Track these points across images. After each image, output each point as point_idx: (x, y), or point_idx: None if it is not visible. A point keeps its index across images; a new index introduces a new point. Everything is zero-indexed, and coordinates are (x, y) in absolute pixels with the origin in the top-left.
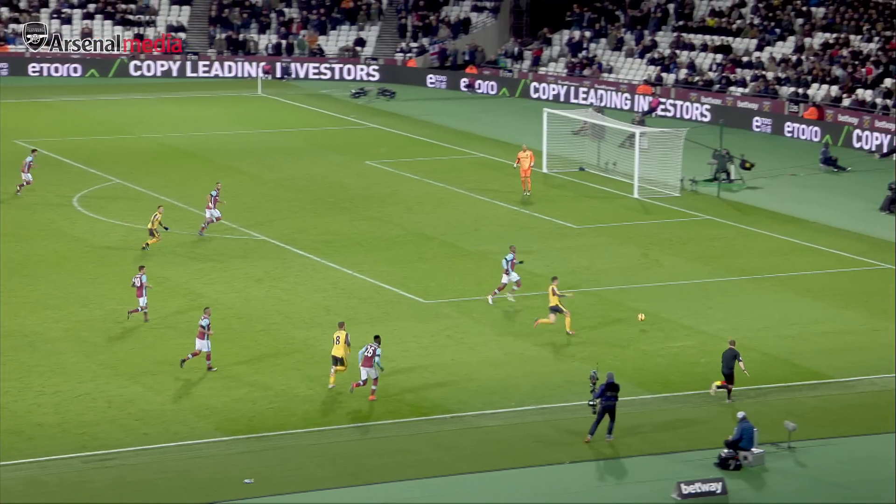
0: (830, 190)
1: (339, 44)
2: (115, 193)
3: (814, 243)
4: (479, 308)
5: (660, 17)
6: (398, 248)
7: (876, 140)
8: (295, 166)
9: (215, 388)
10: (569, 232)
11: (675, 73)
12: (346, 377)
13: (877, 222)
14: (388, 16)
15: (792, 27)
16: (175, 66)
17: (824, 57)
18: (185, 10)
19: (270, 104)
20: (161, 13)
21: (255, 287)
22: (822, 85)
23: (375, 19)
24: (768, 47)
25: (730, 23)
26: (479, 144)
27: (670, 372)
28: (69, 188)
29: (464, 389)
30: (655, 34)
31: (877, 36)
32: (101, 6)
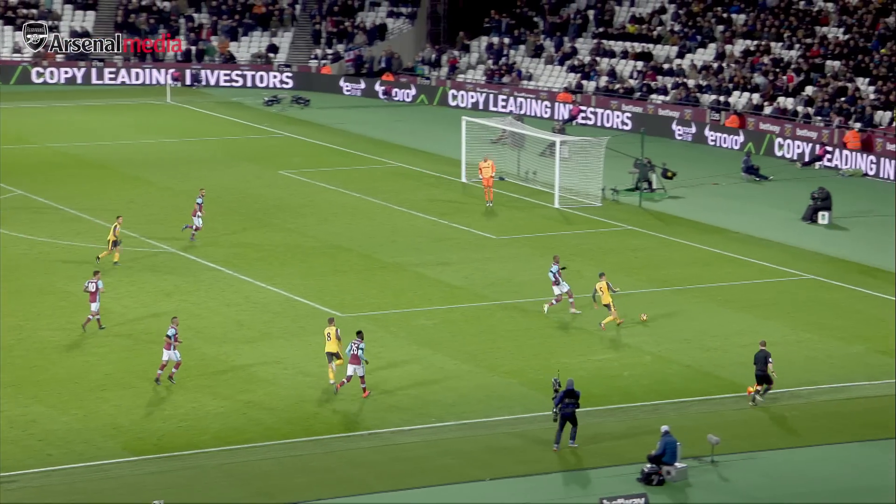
0: (752, 199)
1: (251, 50)
2: (18, 205)
3: (736, 253)
4: (398, 321)
5: (580, 23)
6: (313, 261)
7: (798, 148)
8: (206, 177)
9: (122, 406)
10: (488, 243)
11: (596, 81)
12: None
13: (799, 232)
14: (302, 21)
15: (713, 34)
16: (80, 73)
17: (745, 64)
18: (89, 15)
19: (180, 112)
20: (64, 18)
21: (165, 301)
22: (743, 93)
23: (288, 25)
24: (689, 54)
25: (650, 29)
26: (396, 154)
27: (592, 385)
28: None
29: (381, 405)
30: (575, 41)
31: (798, 43)
32: (0, 10)
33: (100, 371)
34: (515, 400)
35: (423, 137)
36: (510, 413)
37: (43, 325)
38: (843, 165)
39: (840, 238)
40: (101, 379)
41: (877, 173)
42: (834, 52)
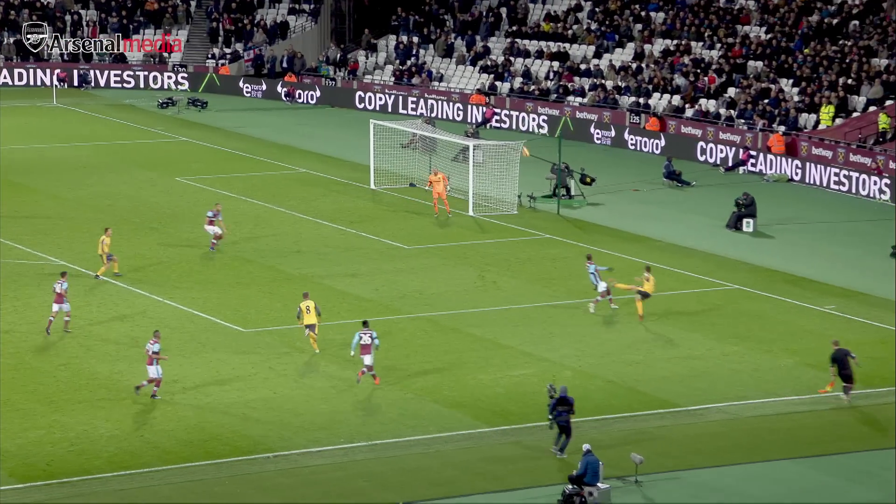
0: (675, 206)
1: (143, 49)
2: None
3: (658, 262)
4: (303, 336)
5: (492, 21)
6: (213, 273)
7: (721, 153)
8: (97, 183)
9: (8, 429)
10: (399, 253)
11: (510, 82)
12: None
13: (723, 240)
14: (198, 19)
15: (631, 33)
16: None
17: (665, 65)
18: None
19: (67, 115)
20: None
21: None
22: (663, 94)
23: (183, 23)
24: (607, 54)
25: (566, 28)
26: (300, 159)
27: (510, 403)
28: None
29: (287, 425)
30: (487, 40)
31: (719, 43)
32: None
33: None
34: (429, 419)
35: (329, 142)
36: (424, 432)
37: None
38: (767, 170)
39: (765, 246)
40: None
41: (802, 178)
42: (756, 52)
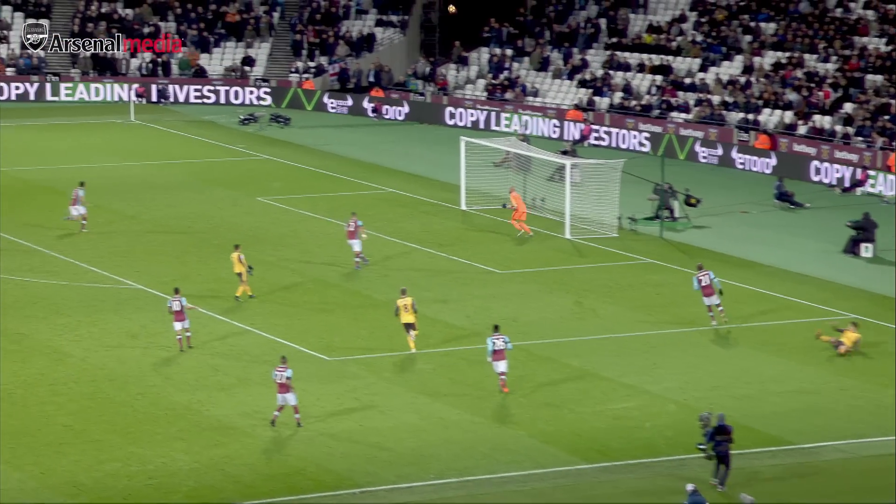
0: (786, 229)
1: (223, 63)
2: None
3: (770, 290)
4: (391, 366)
5: (590, 33)
6: (296, 298)
7: (836, 173)
8: (175, 204)
9: (84, 461)
10: (492, 277)
11: (609, 97)
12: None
13: (839, 266)
14: (281, 31)
15: (739, 45)
16: (32, 88)
17: (776, 79)
18: (42, 24)
19: (145, 132)
20: (14, 27)
21: (131, 344)
22: (774, 110)
23: (266, 35)
24: (713, 67)
25: (669, 40)
26: (387, 178)
27: (610, 438)
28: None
29: (374, 460)
30: (585, 53)
31: (834, 55)
32: None
33: (58, 422)
34: (524, 454)
35: (418, 160)
36: (519, 469)
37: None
38: (887, 191)
39: (885, 273)
40: (60, 431)
41: None
42: (874, 65)
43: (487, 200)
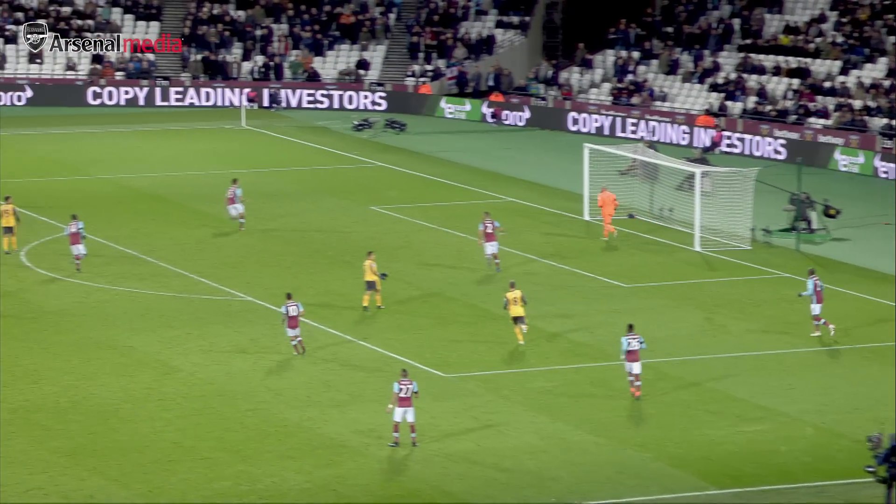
0: None
1: (337, 66)
2: None
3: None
4: (511, 383)
5: (722, 34)
6: (411, 311)
7: None
8: (286, 213)
9: (193, 480)
10: (617, 292)
11: (743, 102)
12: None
13: None
14: (397, 33)
15: (883, 46)
16: (142, 93)
17: None
18: (152, 26)
19: (256, 138)
20: (125, 30)
21: (240, 358)
22: None
23: (381, 37)
24: (854, 70)
25: (807, 41)
26: (506, 186)
27: (743, 462)
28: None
29: (492, 482)
30: (717, 55)
31: None
32: (52, 22)
33: (166, 439)
34: (651, 478)
35: (539, 168)
36: (645, 494)
37: (102, 384)
38: None
39: None
40: (168, 448)
41: None
42: None
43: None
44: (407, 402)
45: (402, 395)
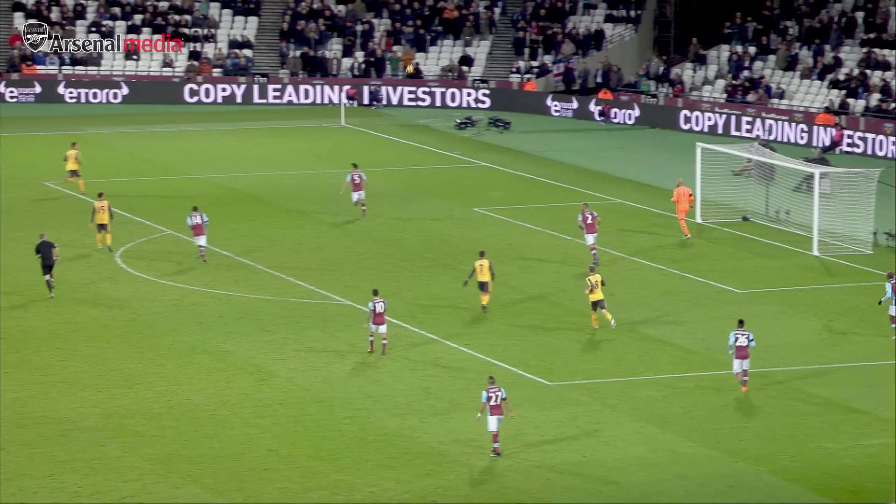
0: None
1: (440, 63)
2: (166, 247)
3: None
4: (617, 392)
5: (844, 28)
6: (515, 317)
7: None
8: (386, 214)
9: (289, 489)
10: (730, 297)
11: (865, 99)
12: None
13: None
14: (502, 28)
15: None
16: (239, 90)
17: None
18: (251, 21)
19: (355, 137)
20: (222, 26)
21: (338, 364)
22: None
23: (486, 32)
24: None
25: None
26: (615, 187)
27: (863, 477)
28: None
29: (597, 494)
30: (839, 50)
31: None
32: (149, 18)
33: (262, 446)
34: (765, 492)
35: (649, 168)
36: None
37: (197, 390)
38: None
39: None
40: (264, 456)
41: None
42: None
43: (726, 213)
44: (498, 410)
45: (492, 404)
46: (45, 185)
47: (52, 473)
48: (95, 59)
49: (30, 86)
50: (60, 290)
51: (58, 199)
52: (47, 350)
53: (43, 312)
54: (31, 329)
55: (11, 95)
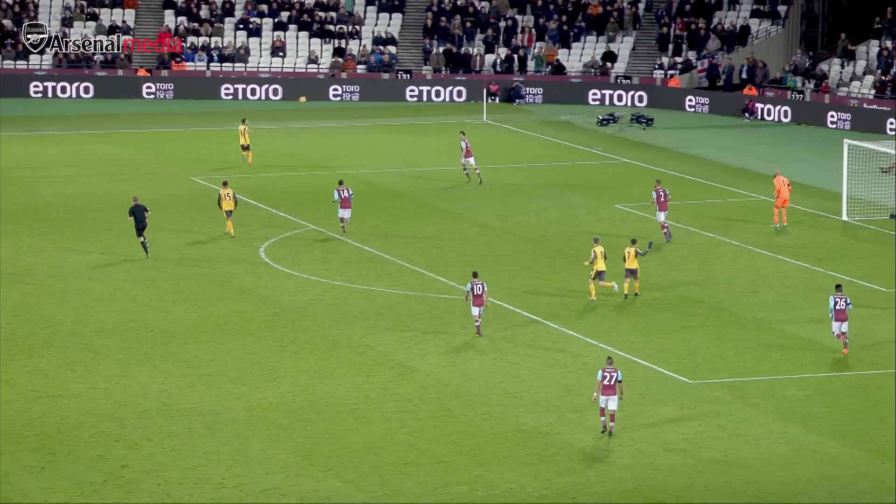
0: None
1: (582, 59)
2: (309, 242)
3: None
4: (760, 391)
5: None
6: (655, 314)
7: None
8: (526, 210)
9: (429, 484)
10: (876, 297)
11: None
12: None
13: None
14: (646, 24)
15: None
16: (382, 86)
17: None
18: (395, 18)
19: (497, 133)
20: (367, 23)
21: (478, 359)
22: None
23: (629, 28)
24: None
25: None
26: (759, 185)
27: None
28: (254, 235)
29: (740, 493)
30: None
31: None
32: (295, 14)
33: (402, 441)
34: None
35: (794, 165)
36: None
37: (338, 384)
38: None
39: None
40: (404, 450)
41: None
42: None
43: (873, 210)
44: (611, 390)
45: (606, 384)
46: (192, 180)
47: (196, 465)
48: (243, 56)
49: (179, 82)
50: (206, 285)
51: (202, 195)
52: (193, 343)
53: (189, 306)
54: (178, 322)
55: (159, 91)
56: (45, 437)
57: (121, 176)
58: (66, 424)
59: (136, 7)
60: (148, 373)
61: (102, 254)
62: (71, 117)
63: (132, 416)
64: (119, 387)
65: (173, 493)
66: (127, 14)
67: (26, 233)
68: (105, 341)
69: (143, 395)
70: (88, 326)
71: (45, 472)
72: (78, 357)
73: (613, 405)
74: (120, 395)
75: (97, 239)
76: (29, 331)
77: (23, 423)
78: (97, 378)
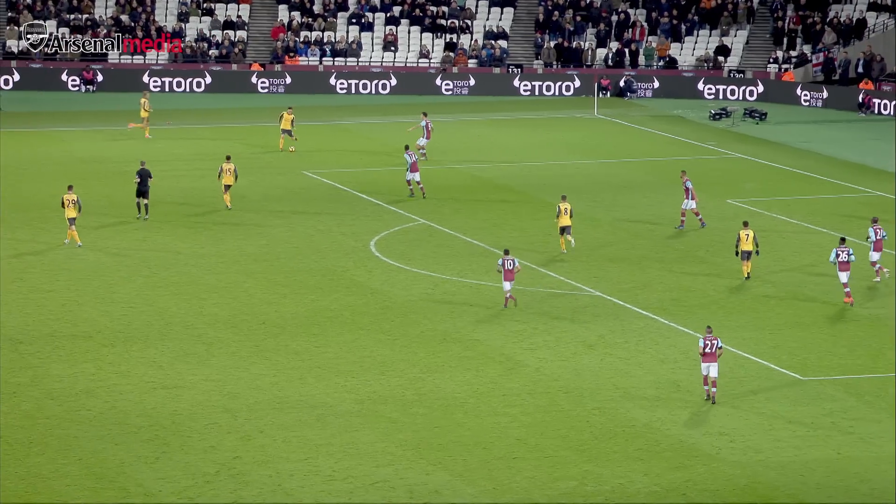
0: None
1: (695, 53)
2: (419, 236)
3: None
4: (874, 389)
5: None
6: (768, 310)
7: None
8: (637, 205)
9: (538, 478)
10: None
11: None
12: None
13: None
14: (760, 17)
15: None
16: (493, 81)
17: None
18: (506, 12)
19: (608, 127)
20: (479, 17)
21: (587, 354)
22: None
23: (743, 22)
24: None
25: None
26: (875, 180)
27: None
28: (364, 229)
29: (852, 492)
30: None
31: None
32: (407, 9)
33: (511, 435)
34: None
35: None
36: None
37: (447, 378)
38: None
39: None
40: (513, 445)
41: None
42: None
43: None
44: (712, 357)
45: (707, 351)
46: (303, 174)
47: (307, 457)
48: (355, 51)
49: (293, 77)
50: (317, 278)
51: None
52: (304, 336)
53: (300, 299)
54: (289, 315)
55: (273, 86)
56: (160, 427)
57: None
58: (179, 415)
59: (250, 2)
60: (260, 365)
61: (215, 246)
62: (185, 112)
63: (244, 407)
64: (231, 378)
65: (284, 484)
66: (242, 9)
67: (141, 225)
68: (218, 333)
69: (254, 387)
70: (202, 319)
71: (159, 463)
72: (191, 349)
73: (714, 372)
74: (232, 387)
75: (210, 233)
76: (144, 322)
77: (138, 414)
78: (210, 370)
